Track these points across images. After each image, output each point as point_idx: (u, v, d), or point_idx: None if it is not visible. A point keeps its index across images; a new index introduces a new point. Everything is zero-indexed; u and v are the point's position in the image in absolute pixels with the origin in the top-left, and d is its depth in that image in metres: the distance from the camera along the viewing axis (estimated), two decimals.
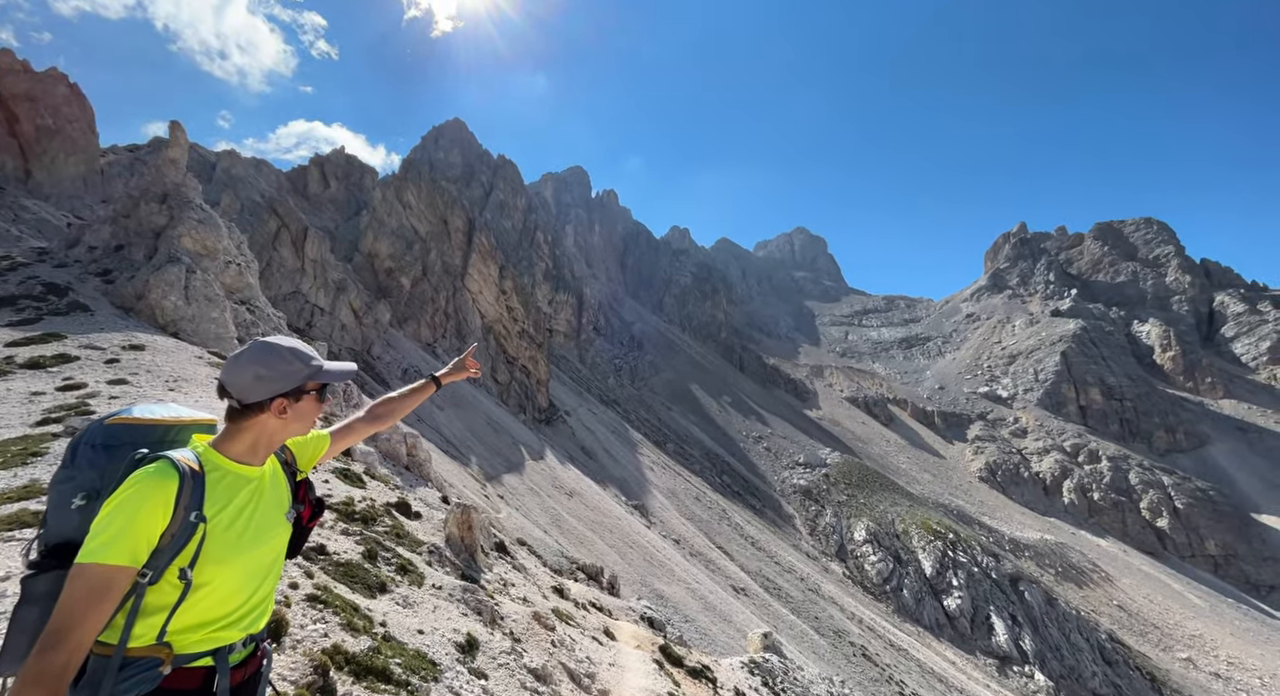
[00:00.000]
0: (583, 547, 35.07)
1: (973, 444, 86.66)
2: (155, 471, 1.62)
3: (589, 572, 25.14)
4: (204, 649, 1.69)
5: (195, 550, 1.63)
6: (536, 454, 47.88)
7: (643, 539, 40.60)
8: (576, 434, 58.96)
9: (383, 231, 55.57)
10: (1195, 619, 57.69)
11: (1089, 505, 75.15)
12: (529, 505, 38.77)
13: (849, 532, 59.32)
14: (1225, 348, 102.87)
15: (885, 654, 39.20)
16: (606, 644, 11.09)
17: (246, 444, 1.84)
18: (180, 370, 12.68)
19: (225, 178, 52.70)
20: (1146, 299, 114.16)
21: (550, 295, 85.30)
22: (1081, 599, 57.44)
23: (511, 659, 6.26)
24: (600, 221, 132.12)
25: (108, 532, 1.52)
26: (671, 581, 35.67)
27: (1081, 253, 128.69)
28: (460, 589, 7.28)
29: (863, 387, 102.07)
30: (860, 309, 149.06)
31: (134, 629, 1.57)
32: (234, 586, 1.75)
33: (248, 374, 1.79)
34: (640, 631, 14.41)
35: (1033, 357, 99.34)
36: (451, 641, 5.80)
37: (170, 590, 1.61)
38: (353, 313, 44.34)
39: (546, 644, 7.65)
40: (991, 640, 46.19)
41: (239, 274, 19.68)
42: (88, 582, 1.47)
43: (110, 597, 1.50)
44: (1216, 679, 49.82)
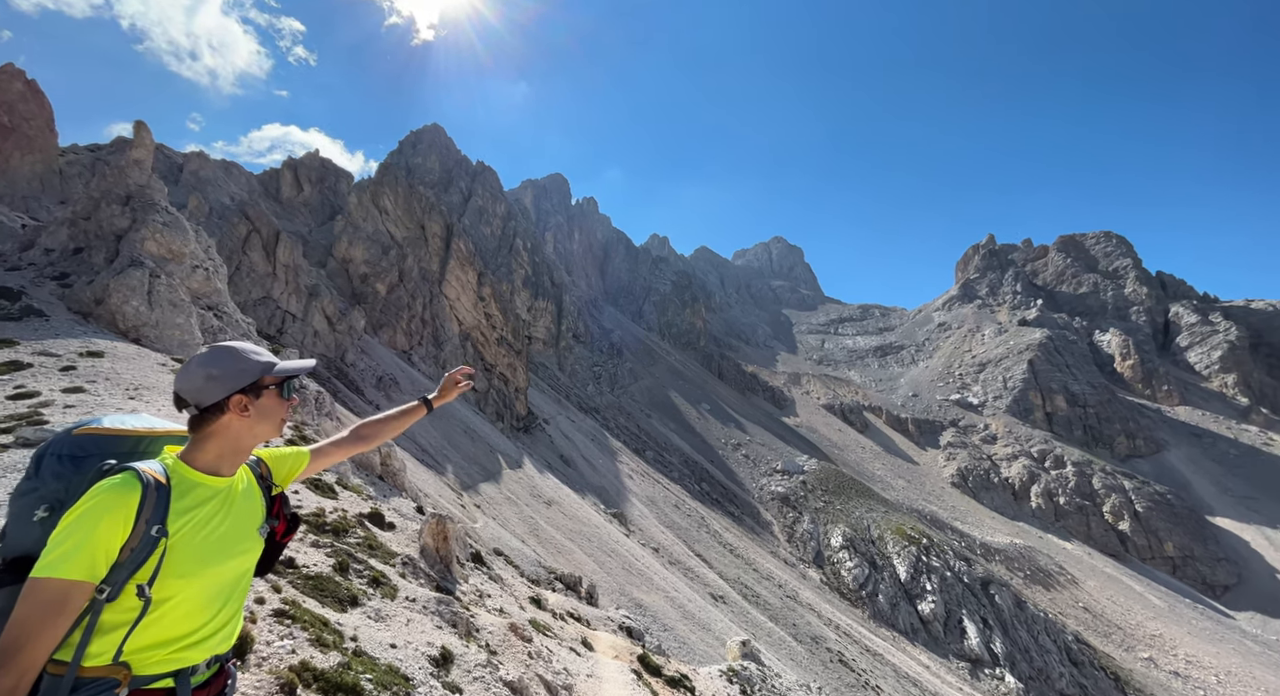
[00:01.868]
0: (561, 557, 34.69)
1: (945, 450, 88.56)
2: (118, 483, 1.56)
3: (567, 582, 24.88)
4: (165, 670, 1.60)
5: (156, 565, 1.56)
6: (514, 462, 47.32)
7: (621, 547, 40.35)
8: (555, 442, 58.49)
9: (358, 236, 54.63)
10: (1155, 619, 59.64)
11: (1055, 509, 77.33)
12: (506, 514, 38.23)
13: (826, 539, 59.91)
14: (1180, 356, 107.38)
15: (861, 659, 39.54)
16: (584, 654, 10.97)
17: (213, 452, 1.77)
18: (142, 378, 12.22)
19: (193, 180, 51.24)
20: (1107, 309, 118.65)
21: (529, 302, 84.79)
22: (1049, 601, 58.91)
23: (487, 672, 6.15)
24: (580, 229, 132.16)
25: (65, 546, 1.45)
26: (650, 590, 35.48)
27: (1046, 264, 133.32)
28: (435, 601, 7.13)
29: (839, 395, 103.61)
30: (836, 317, 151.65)
31: (89, 647, 1.48)
32: (199, 602, 1.67)
33: (199, 376, 1.74)
34: (618, 641, 14.29)
35: (1001, 366, 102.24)
36: (425, 655, 5.67)
37: (129, 607, 1.54)
38: (326, 319, 43.38)
39: (523, 656, 7.54)
40: (964, 643, 47.01)
41: (206, 279, 19.11)
42: (42, 598, 1.40)
43: (66, 614, 1.43)
44: (1176, 677, 51.49)
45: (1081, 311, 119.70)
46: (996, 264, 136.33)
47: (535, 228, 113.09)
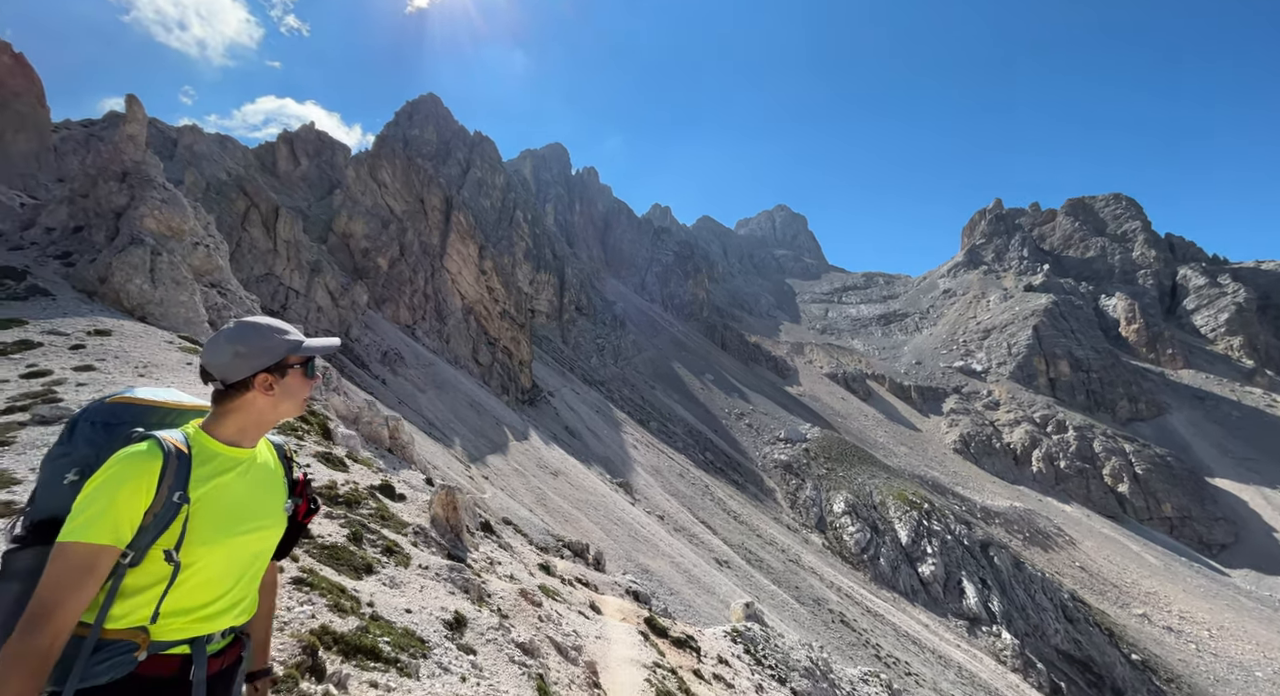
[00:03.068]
0: (568, 525, 35.51)
1: (948, 416, 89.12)
2: (139, 450, 1.59)
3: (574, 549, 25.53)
4: (182, 637, 1.65)
5: (180, 531, 1.60)
6: (520, 434, 47.97)
7: (627, 515, 41.21)
8: (560, 414, 59.12)
9: (357, 211, 54.10)
10: (1151, 577, 60.99)
11: (1056, 473, 78.22)
12: (514, 485, 39.00)
13: (828, 505, 60.94)
14: (1187, 319, 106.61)
15: (862, 619, 40.77)
16: (593, 618, 11.36)
17: (235, 426, 1.81)
18: (150, 356, 12.35)
19: (188, 155, 50.47)
20: (1114, 273, 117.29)
21: (531, 275, 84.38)
22: (1047, 561, 60.20)
23: (499, 634, 6.41)
24: (581, 199, 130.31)
25: (89, 511, 1.49)
26: (656, 556, 36.38)
27: (1054, 228, 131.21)
28: (447, 568, 7.37)
29: (842, 364, 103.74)
30: (840, 286, 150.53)
31: (111, 610, 1.54)
32: (218, 572, 1.71)
33: (227, 352, 1.76)
34: (625, 605, 14.77)
35: (1006, 332, 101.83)
36: (439, 619, 5.90)
37: (152, 572, 1.58)
38: (329, 294, 43.39)
39: (534, 619, 7.82)
40: (962, 603, 48.29)
41: (208, 255, 19.06)
42: (69, 562, 1.44)
43: (94, 577, 1.47)
44: (1169, 632, 52.97)
45: (1088, 276, 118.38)
46: (1003, 229, 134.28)
47: (535, 199, 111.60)
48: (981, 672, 39.29)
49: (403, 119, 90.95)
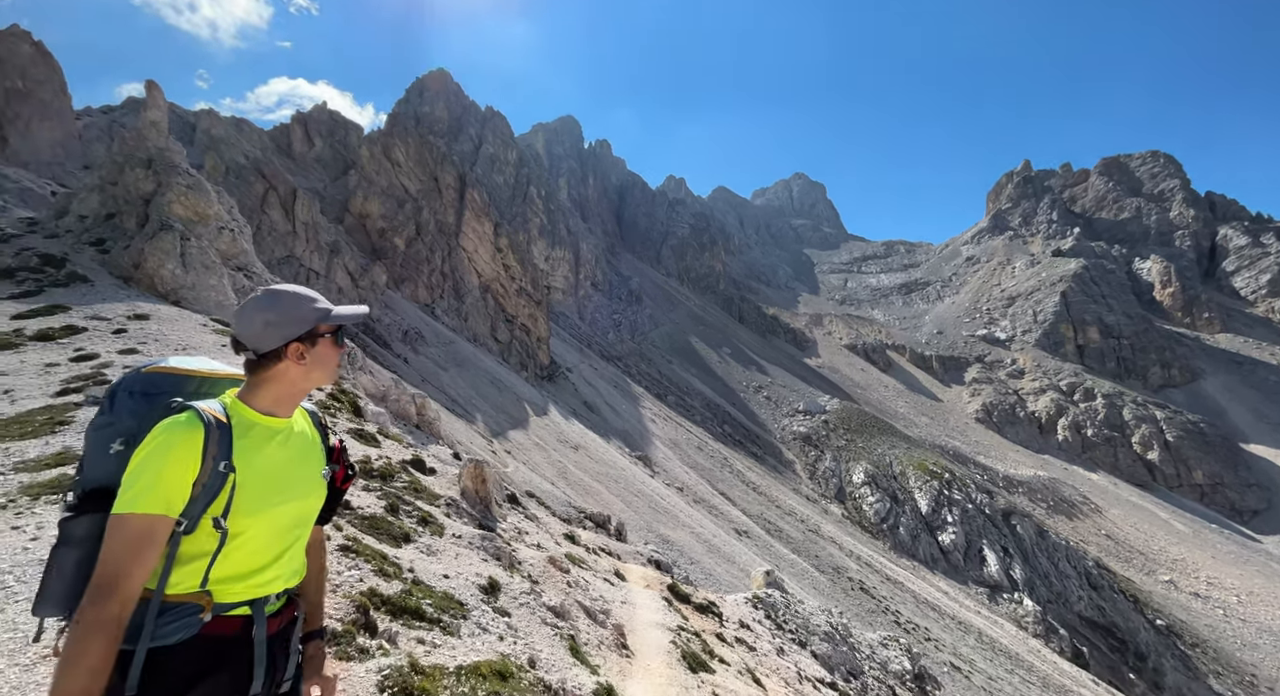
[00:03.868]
0: (589, 497, 36.29)
1: (970, 386, 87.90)
2: (180, 422, 1.62)
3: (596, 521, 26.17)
4: (242, 599, 1.75)
5: (227, 500, 1.66)
6: (540, 410, 48.73)
7: (647, 488, 41.92)
8: (579, 389, 59.77)
9: (372, 191, 54.33)
10: (1179, 544, 60.38)
11: (1082, 441, 77.05)
12: (535, 459, 39.82)
13: (848, 475, 61.14)
14: (1225, 282, 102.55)
15: (882, 587, 41.28)
16: (617, 584, 11.76)
17: (270, 396, 1.84)
18: (187, 338, 12.82)
19: (206, 139, 50.95)
20: (1150, 235, 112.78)
21: (546, 251, 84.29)
22: (1071, 530, 59.90)
23: (531, 598, 6.72)
24: (594, 173, 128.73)
25: (140, 483, 1.55)
26: (676, 527, 37.08)
27: (1086, 190, 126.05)
28: (479, 537, 7.70)
29: (861, 335, 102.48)
30: (859, 255, 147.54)
31: (171, 577, 1.62)
32: (266, 539, 1.79)
33: (257, 322, 1.77)
34: (649, 572, 15.20)
35: (1032, 299, 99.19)
36: (475, 584, 6.22)
37: (206, 539, 1.66)
38: (349, 275, 44.04)
39: (562, 585, 8.16)
40: (983, 571, 48.53)
41: (233, 240, 19.47)
42: (127, 532, 1.52)
43: (153, 546, 1.55)
44: (1196, 598, 52.68)
45: (1122, 238, 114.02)
46: (1031, 192, 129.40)
47: (548, 174, 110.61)
48: (1002, 638, 39.70)
49: (413, 96, 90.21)
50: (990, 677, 32.66)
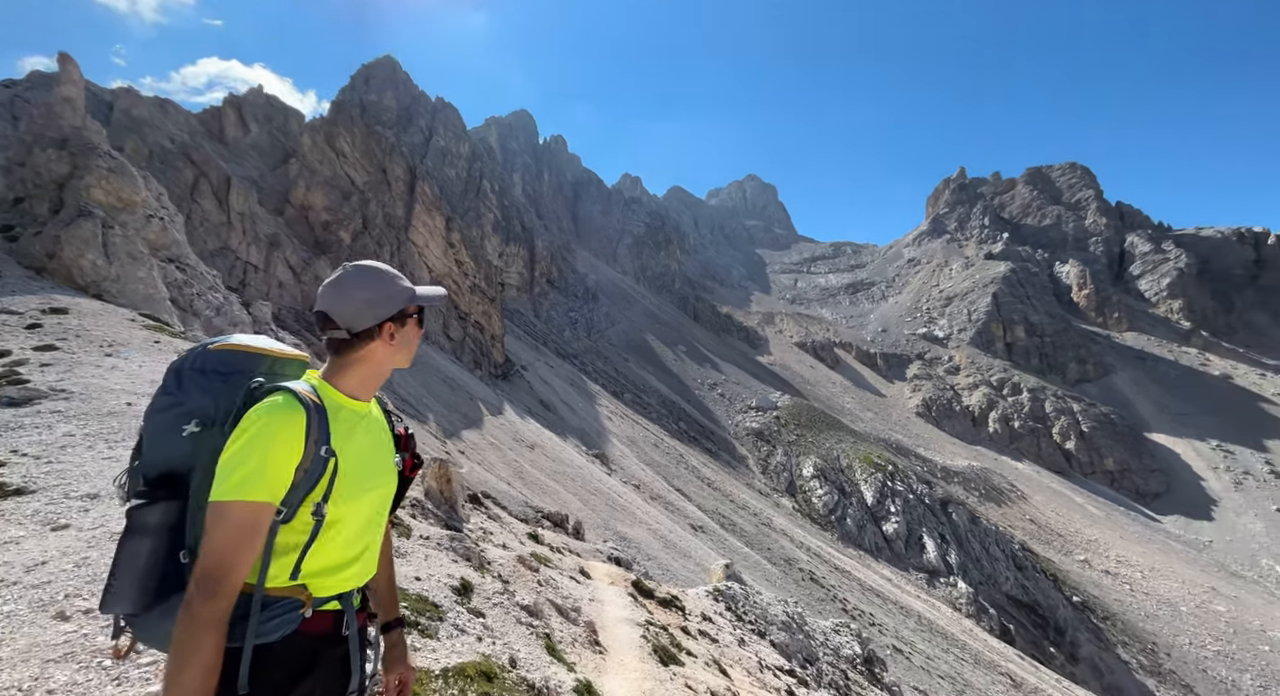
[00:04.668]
0: (546, 497, 35.92)
1: (911, 382, 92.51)
2: (281, 404, 1.54)
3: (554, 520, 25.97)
4: (333, 593, 1.68)
5: (328, 485, 1.59)
6: (495, 409, 47.79)
7: (604, 485, 41.89)
8: (534, 387, 59.00)
9: (315, 181, 51.67)
10: (1092, 526, 65.72)
11: (1010, 433, 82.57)
12: (491, 459, 39.04)
13: (798, 469, 63.12)
14: (1133, 284, 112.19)
15: (830, 576, 42.90)
16: (584, 582, 11.76)
17: (358, 377, 1.77)
18: (114, 334, 11.85)
19: (125, 120, 46.90)
20: (1068, 241, 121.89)
21: (500, 247, 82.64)
22: (1000, 516, 64.10)
23: (505, 598, 6.65)
24: (549, 169, 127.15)
25: (244, 468, 1.46)
26: (634, 523, 37.25)
27: (1013, 197, 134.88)
28: (447, 538, 7.54)
29: (811, 333, 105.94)
30: (809, 256, 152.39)
31: (270, 569, 1.55)
32: (356, 528, 1.72)
33: (356, 299, 1.71)
34: (612, 569, 15.27)
35: (967, 299, 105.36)
36: (448, 585, 6.10)
37: (302, 529, 1.59)
38: (290, 269, 41.77)
39: (533, 584, 8.10)
40: (923, 557, 51.24)
41: (163, 229, 18.09)
42: (234, 521, 1.43)
43: (259, 535, 1.48)
44: (1107, 575, 57.50)
45: (1044, 243, 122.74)
46: (966, 197, 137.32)
47: (502, 169, 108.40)
48: (939, 620, 42.06)
49: (359, 83, 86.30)
50: (929, 657, 34.56)
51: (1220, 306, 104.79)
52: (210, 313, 18.22)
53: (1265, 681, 45.45)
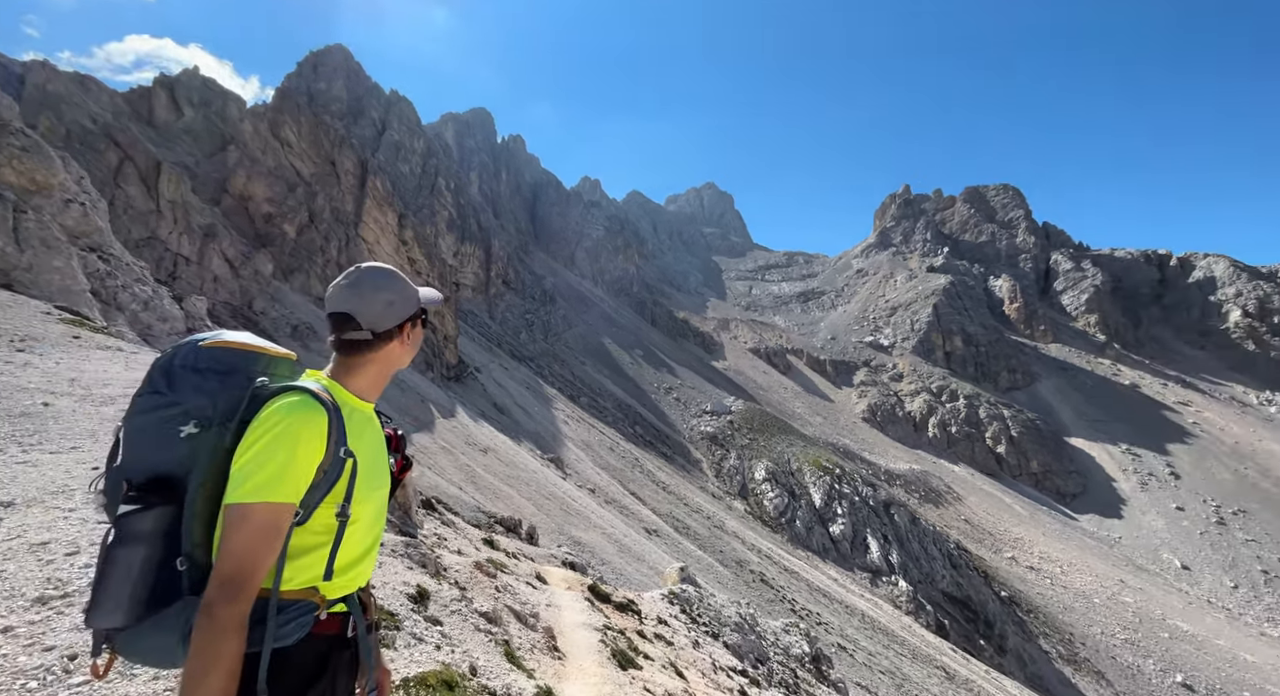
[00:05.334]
0: (499, 502, 35.20)
1: (858, 388, 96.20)
2: (301, 404, 1.52)
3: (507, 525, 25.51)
4: (342, 594, 1.67)
5: (348, 486, 1.58)
6: (447, 412, 46.50)
7: (559, 490, 41.47)
8: (489, 390, 57.80)
9: (257, 171, 48.98)
10: (1019, 525, 70.12)
11: (948, 438, 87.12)
12: (442, 463, 37.92)
13: (750, 473, 64.41)
14: (1056, 300, 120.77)
15: (780, 577, 43.94)
16: (540, 587, 11.63)
17: (369, 378, 1.77)
18: (27, 328, 10.85)
19: (39, 95, 43.03)
20: (1001, 257, 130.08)
21: (455, 246, 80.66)
22: (937, 516, 67.44)
23: (462, 605, 6.50)
24: (507, 168, 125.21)
25: (268, 469, 1.43)
26: (588, 528, 37.02)
27: (953, 214, 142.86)
28: (402, 544, 7.30)
29: (764, 339, 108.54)
30: (764, 264, 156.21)
31: (284, 572, 1.52)
32: (365, 528, 1.72)
33: (379, 300, 1.72)
34: (569, 574, 15.16)
35: (910, 309, 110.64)
36: (404, 593, 5.91)
37: (317, 531, 1.57)
38: (227, 263, 39.39)
39: (491, 590, 7.95)
40: (867, 557, 53.25)
41: (84, 215, 16.70)
42: (258, 523, 1.41)
43: (281, 537, 1.45)
44: (1031, 571, 61.43)
45: (980, 259, 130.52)
46: (910, 213, 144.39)
47: (458, 166, 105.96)
48: (881, 618, 43.78)
49: (306, 70, 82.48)
50: (871, 654, 35.90)
51: (1130, 322, 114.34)
52: (137, 306, 16.98)
53: (1165, 666, 49.65)
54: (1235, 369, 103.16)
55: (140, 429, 1.52)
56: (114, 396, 8.74)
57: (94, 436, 6.97)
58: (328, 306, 1.76)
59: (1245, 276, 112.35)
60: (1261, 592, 62.83)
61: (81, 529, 4.44)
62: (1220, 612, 60.39)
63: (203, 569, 1.48)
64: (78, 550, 4.12)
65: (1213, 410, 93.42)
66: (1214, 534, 70.86)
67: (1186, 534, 71.44)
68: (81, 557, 4.03)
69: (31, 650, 3.01)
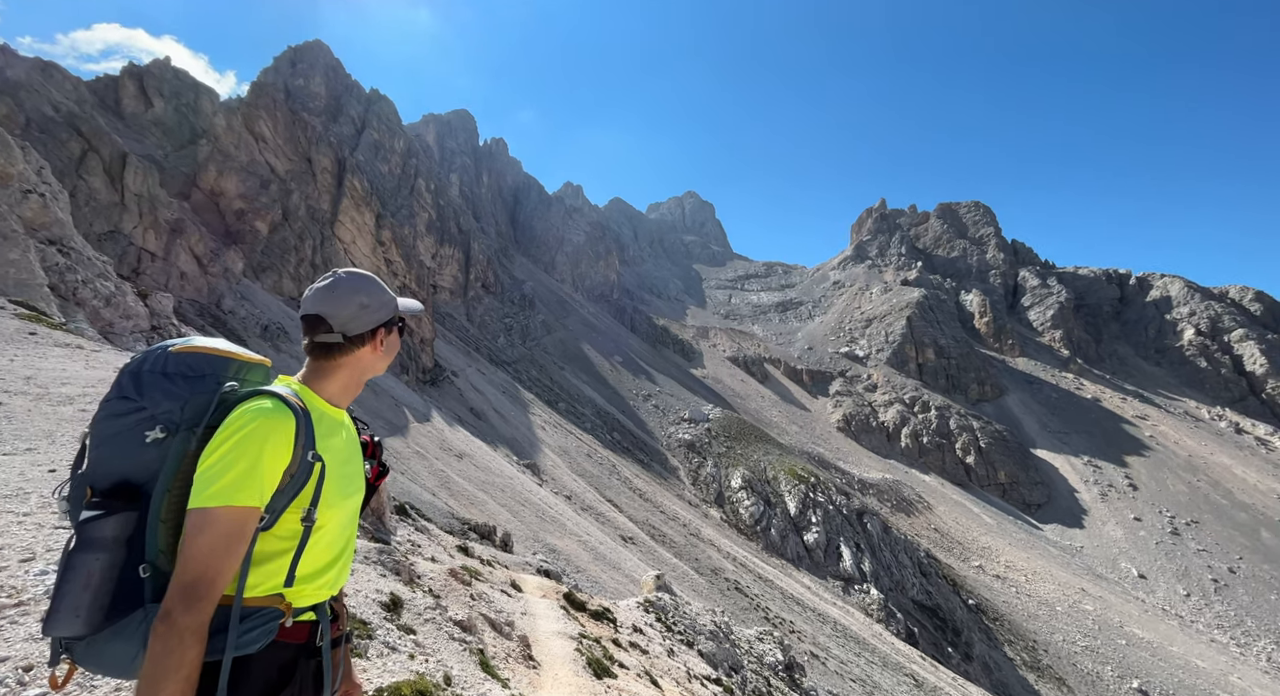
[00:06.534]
0: (474, 508, 34.68)
1: (833, 398, 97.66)
2: (269, 408, 1.51)
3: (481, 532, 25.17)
4: (310, 603, 1.64)
5: (315, 491, 1.56)
6: (422, 416, 45.71)
7: (535, 496, 41.04)
8: (465, 394, 57.04)
9: (229, 166, 47.76)
10: (986, 534, 71.77)
11: (919, 448, 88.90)
12: (415, 468, 37.21)
13: (727, 481, 64.71)
14: (1024, 315, 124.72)
15: (754, 585, 44.12)
16: (515, 595, 11.49)
17: (340, 383, 1.76)
18: None
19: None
20: (972, 272, 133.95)
21: (434, 248, 79.71)
22: (909, 525, 68.63)
23: (436, 613, 6.39)
24: (488, 171, 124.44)
25: (232, 473, 1.41)
26: (564, 535, 36.69)
27: (927, 229, 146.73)
28: (376, 551, 7.15)
29: (743, 348, 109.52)
30: (743, 274, 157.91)
31: (249, 578, 1.49)
32: (334, 535, 1.69)
33: (353, 304, 1.71)
34: (544, 582, 15.00)
35: (884, 322, 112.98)
36: (377, 601, 5.79)
37: (283, 536, 1.54)
38: (195, 259, 38.22)
39: (465, 598, 7.83)
40: (840, 566, 53.84)
41: (43, 206, 16.05)
42: (222, 528, 1.38)
43: (244, 542, 1.42)
44: (997, 579, 62.86)
45: (952, 273, 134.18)
46: (886, 227, 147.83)
47: (439, 168, 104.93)
48: (853, 625, 44.26)
49: (284, 65, 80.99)
50: (842, 662, 36.22)
51: (1091, 337, 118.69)
52: (98, 303, 16.36)
53: (1122, 672, 51.21)
54: (1188, 385, 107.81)
55: (106, 434, 1.50)
56: (72, 396, 8.40)
57: (50, 437, 6.68)
58: (302, 308, 1.76)
59: (1198, 297, 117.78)
60: (1212, 600, 65.40)
61: (37, 534, 4.25)
62: (1174, 620, 62.65)
63: (167, 576, 1.44)
64: (33, 556, 3.94)
65: (1168, 424, 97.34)
66: (1169, 543, 73.63)
67: (1143, 543, 74.05)
68: (37, 564, 3.86)
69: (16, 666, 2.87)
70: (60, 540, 4.22)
